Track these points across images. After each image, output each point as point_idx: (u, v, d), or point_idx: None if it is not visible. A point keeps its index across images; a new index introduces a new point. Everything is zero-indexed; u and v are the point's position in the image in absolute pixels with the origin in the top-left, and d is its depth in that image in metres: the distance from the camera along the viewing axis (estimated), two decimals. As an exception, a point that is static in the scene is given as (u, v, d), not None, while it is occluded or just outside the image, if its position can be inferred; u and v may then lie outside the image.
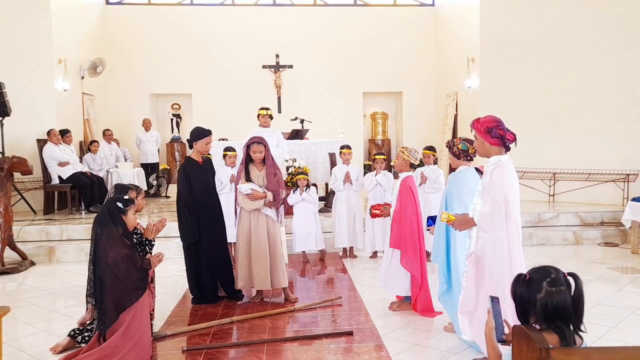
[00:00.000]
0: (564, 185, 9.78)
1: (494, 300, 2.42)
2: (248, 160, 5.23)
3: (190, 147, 5.35)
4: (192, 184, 5.21)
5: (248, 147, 5.19)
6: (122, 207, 3.92)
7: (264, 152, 5.18)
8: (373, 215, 5.40)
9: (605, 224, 8.31)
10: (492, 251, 3.42)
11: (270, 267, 5.18)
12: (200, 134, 5.27)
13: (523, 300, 2.24)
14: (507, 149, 3.44)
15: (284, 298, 5.37)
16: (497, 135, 3.37)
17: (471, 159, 4.39)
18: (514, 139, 3.42)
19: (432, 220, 4.62)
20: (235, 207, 5.30)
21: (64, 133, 9.55)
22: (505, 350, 2.42)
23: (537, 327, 2.19)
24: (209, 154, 5.93)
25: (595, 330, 4.22)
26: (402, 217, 4.83)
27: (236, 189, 5.22)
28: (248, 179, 5.17)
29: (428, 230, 4.68)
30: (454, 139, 4.47)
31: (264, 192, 5.13)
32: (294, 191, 7.19)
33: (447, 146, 4.47)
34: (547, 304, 2.16)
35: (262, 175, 5.22)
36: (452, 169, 4.53)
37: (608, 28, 9.31)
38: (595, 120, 9.42)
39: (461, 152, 4.32)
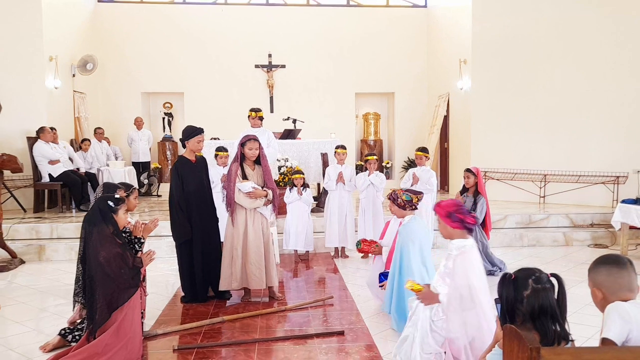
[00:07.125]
0: (554, 186, 9.86)
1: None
2: (242, 158, 5.22)
3: (183, 146, 5.32)
4: (184, 182, 5.18)
5: (242, 145, 5.17)
6: (113, 205, 3.90)
7: (258, 149, 5.18)
8: (360, 251, 5.19)
9: (595, 226, 8.38)
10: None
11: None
12: (191, 132, 5.24)
13: (509, 299, 2.27)
14: (470, 231, 3.43)
15: (269, 296, 5.38)
16: (457, 219, 3.37)
17: (415, 208, 4.50)
18: (475, 222, 3.43)
19: (384, 276, 4.66)
20: (233, 206, 5.15)
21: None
22: (496, 350, 2.44)
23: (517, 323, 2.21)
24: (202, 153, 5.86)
25: (584, 331, 4.25)
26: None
27: (229, 187, 5.15)
28: (244, 177, 5.16)
29: (381, 287, 4.72)
30: (396, 191, 4.53)
31: (265, 190, 5.14)
32: (290, 190, 7.21)
33: (389, 198, 4.53)
34: (533, 300, 2.20)
35: (256, 173, 5.22)
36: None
37: (599, 31, 9.40)
38: (586, 122, 9.51)
39: (406, 202, 4.43)
